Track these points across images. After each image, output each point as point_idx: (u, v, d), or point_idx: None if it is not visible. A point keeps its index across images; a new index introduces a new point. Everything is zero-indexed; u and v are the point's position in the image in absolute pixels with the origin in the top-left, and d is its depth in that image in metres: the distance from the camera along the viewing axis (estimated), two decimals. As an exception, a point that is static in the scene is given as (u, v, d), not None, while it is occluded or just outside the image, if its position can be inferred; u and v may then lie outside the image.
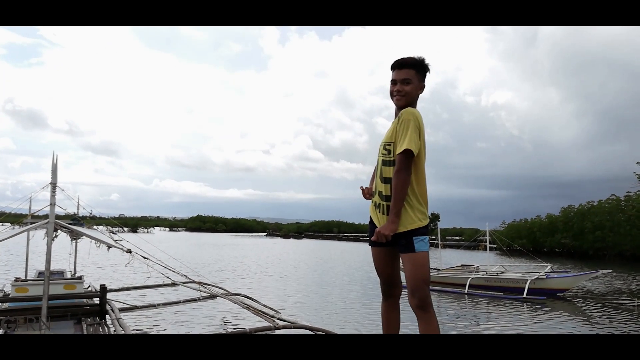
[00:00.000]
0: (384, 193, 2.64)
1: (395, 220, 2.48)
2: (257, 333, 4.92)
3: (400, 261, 2.70)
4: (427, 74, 2.73)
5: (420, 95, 2.72)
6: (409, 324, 6.80)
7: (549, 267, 13.15)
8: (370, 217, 2.79)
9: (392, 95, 2.71)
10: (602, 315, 8.88)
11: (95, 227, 6.99)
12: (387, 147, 2.63)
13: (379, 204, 2.67)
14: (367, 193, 2.84)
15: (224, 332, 4.64)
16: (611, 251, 31.19)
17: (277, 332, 5.22)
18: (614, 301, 10.67)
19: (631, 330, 7.47)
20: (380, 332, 2.89)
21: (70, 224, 6.48)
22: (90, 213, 6.58)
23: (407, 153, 2.49)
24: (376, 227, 2.65)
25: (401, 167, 2.50)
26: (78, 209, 6.81)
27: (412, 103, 2.67)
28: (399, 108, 2.68)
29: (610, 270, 12.14)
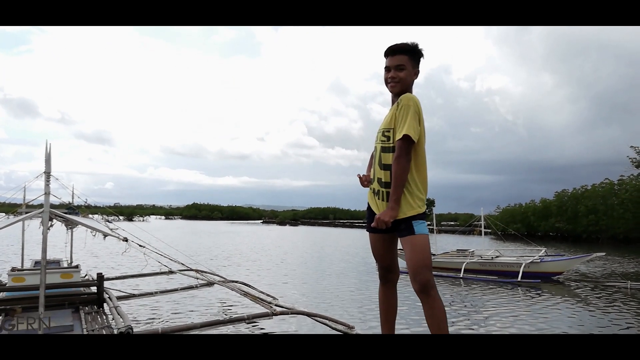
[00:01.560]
0: (383, 180, 2.63)
1: (395, 207, 2.48)
2: (254, 319, 4.96)
3: (400, 246, 2.71)
4: (421, 59, 2.70)
5: (415, 80, 2.71)
6: (404, 309, 6.88)
7: (543, 250, 13.28)
8: (369, 204, 2.80)
9: (386, 82, 2.69)
10: (596, 297, 9.00)
11: (90, 216, 6.96)
12: (386, 133, 2.62)
13: (378, 190, 2.67)
14: (365, 180, 2.83)
15: (222, 319, 4.66)
16: (604, 234, 31.51)
17: (275, 318, 5.26)
18: (607, 283, 10.80)
19: (624, 311, 7.58)
20: (378, 318, 2.92)
21: (65, 213, 6.46)
22: (85, 202, 6.55)
23: (407, 139, 2.48)
24: (374, 214, 2.67)
25: (401, 154, 2.49)
26: (73, 198, 6.78)
27: (407, 89, 2.66)
28: (395, 95, 2.68)
29: (603, 254, 12.26)
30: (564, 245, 27.74)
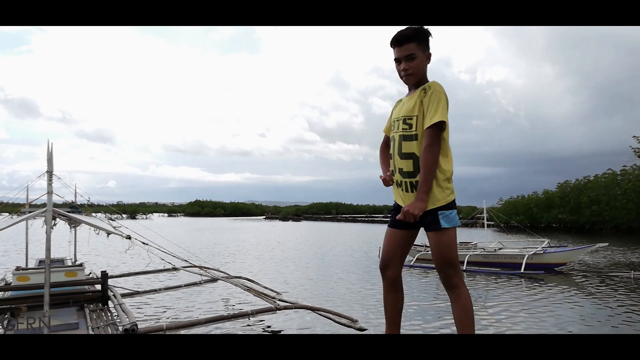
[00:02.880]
0: (405, 170, 2.53)
1: (425, 198, 2.39)
2: (258, 314, 4.98)
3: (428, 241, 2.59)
4: (430, 38, 2.55)
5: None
6: (410, 304, 6.89)
7: (546, 242, 13.28)
8: (395, 200, 2.69)
9: (399, 74, 2.60)
10: (599, 287, 9.00)
11: (93, 214, 6.99)
12: (409, 121, 2.52)
13: (401, 182, 2.57)
14: (388, 179, 2.69)
15: (226, 314, 4.69)
16: (607, 225, 31.49)
17: (278, 312, 5.29)
18: (611, 274, 10.80)
19: (627, 301, 7.58)
20: (381, 311, 2.89)
21: (68, 212, 6.49)
22: (88, 200, 6.57)
23: (440, 125, 2.39)
24: (397, 208, 2.59)
25: (433, 141, 2.39)
26: (75, 197, 6.80)
27: (423, 76, 2.57)
28: (413, 86, 2.60)
29: (606, 244, 12.28)
30: (567, 236, 27.71)
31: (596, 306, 7.26)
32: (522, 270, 11.09)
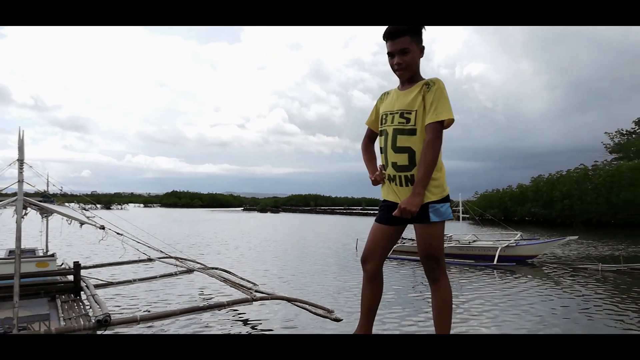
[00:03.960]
0: (399, 163, 2.50)
1: (422, 192, 2.38)
2: (235, 305, 4.98)
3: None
4: (423, 31, 2.52)
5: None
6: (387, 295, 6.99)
7: (518, 235, 13.60)
8: (384, 197, 2.65)
9: (392, 68, 2.55)
10: (568, 279, 9.28)
11: (66, 204, 6.85)
12: (407, 115, 2.49)
13: (394, 176, 2.54)
14: (379, 178, 2.64)
15: (201, 305, 4.67)
16: (578, 219, 32.43)
17: (255, 303, 5.30)
18: (580, 266, 11.13)
19: (594, 292, 7.84)
20: (357, 302, 2.92)
21: (40, 201, 6.34)
22: (61, 190, 6.44)
23: (447, 122, 2.42)
24: (390, 204, 2.57)
25: (437, 136, 2.39)
26: (48, 186, 6.65)
27: (417, 70, 2.55)
28: (406, 80, 2.57)
29: (576, 237, 12.63)
30: (539, 229, 28.39)
31: (565, 297, 7.49)
32: (495, 262, 11.34)
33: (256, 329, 5.41)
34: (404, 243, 13.50)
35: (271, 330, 5.36)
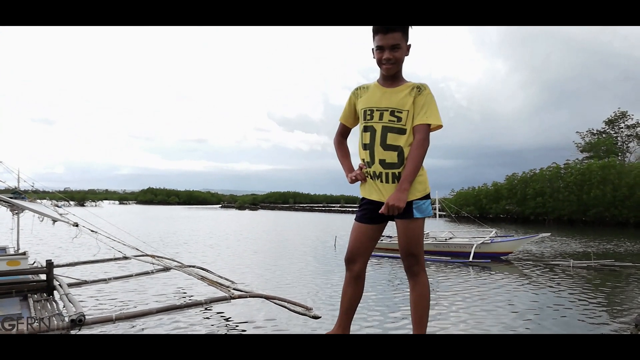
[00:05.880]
0: (387, 161, 2.51)
1: (408, 188, 2.43)
2: (212, 303, 4.94)
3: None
4: (410, 30, 2.55)
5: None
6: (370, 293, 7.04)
7: (493, 232, 13.89)
8: (365, 195, 2.64)
9: (379, 63, 2.54)
10: (540, 275, 9.52)
11: (38, 200, 6.68)
12: (398, 114, 2.51)
13: (380, 173, 2.54)
14: (360, 176, 2.62)
15: (178, 304, 4.62)
16: (550, 216, 33.29)
17: (233, 301, 5.26)
18: (552, 262, 11.42)
19: (565, 288, 8.05)
20: (335, 299, 2.93)
21: (10, 197, 6.17)
22: (32, 186, 6.28)
23: (435, 127, 2.52)
24: (371, 204, 2.58)
25: (426, 136, 2.49)
26: (19, 182, 6.48)
27: (400, 69, 2.59)
28: (391, 76, 2.58)
29: (549, 234, 12.98)
30: (513, 226, 28.99)
31: (539, 293, 7.67)
32: (470, 259, 11.54)
33: (234, 327, 5.38)
34: (381, 240, 13.57)
35: (248, 328, 5.34)
